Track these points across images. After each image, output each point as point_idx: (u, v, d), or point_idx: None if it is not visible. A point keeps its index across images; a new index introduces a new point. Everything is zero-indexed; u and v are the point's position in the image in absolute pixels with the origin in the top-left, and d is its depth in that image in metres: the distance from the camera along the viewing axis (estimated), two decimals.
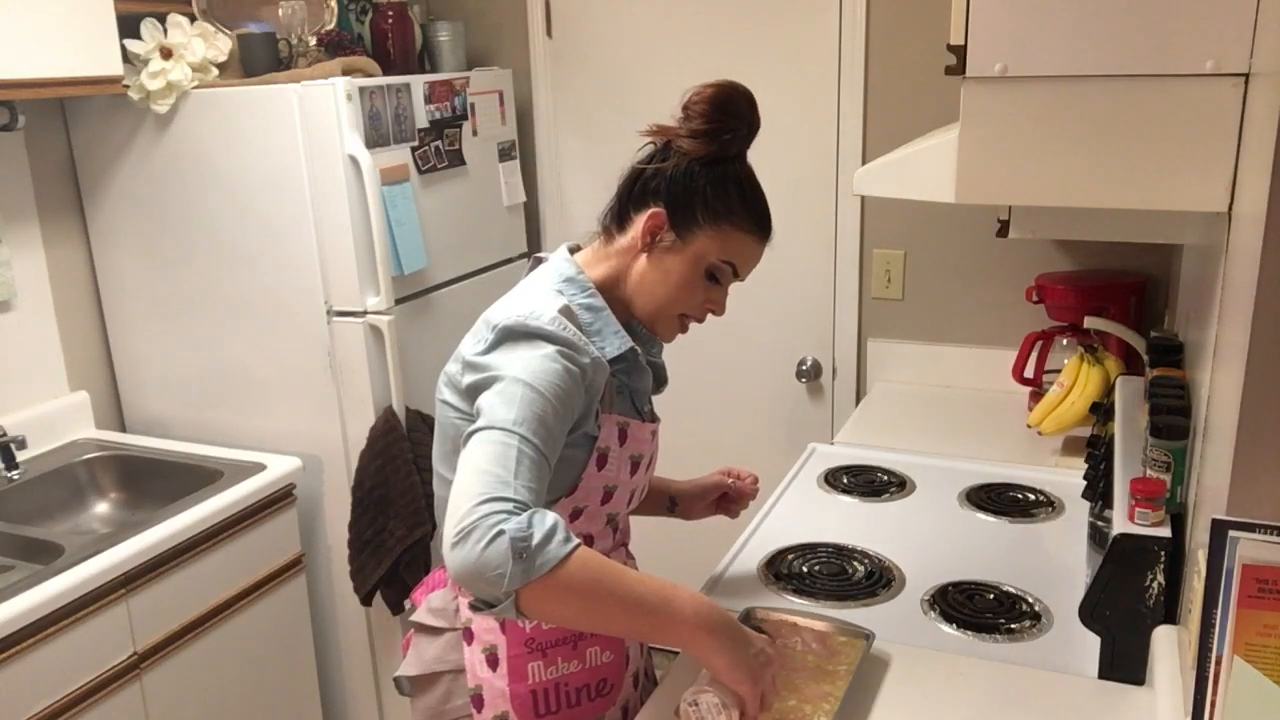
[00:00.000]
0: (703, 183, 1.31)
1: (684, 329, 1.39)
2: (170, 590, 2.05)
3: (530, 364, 1.20)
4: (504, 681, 1.35)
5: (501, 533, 1.04)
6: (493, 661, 1.36)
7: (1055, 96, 1.23)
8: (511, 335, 1.25)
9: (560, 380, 1.20)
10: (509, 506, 1.07)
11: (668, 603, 1.13)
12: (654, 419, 1.45)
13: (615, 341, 1.33)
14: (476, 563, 1.04)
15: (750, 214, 1.33)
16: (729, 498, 1.68)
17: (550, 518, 1.09)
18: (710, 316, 1.40)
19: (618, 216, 1.36)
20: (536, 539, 1.06)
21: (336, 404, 2.41)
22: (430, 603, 1.45)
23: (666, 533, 1.67)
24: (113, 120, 2.42)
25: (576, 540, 1.10)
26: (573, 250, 1.41)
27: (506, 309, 1.28)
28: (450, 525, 1.07)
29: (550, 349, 1.22)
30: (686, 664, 1.45)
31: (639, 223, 1.32)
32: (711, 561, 1.76)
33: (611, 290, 1.36)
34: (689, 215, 1.31)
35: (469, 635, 1.38)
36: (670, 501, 1.67)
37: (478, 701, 1.37)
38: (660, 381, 1.49)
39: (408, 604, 1.56)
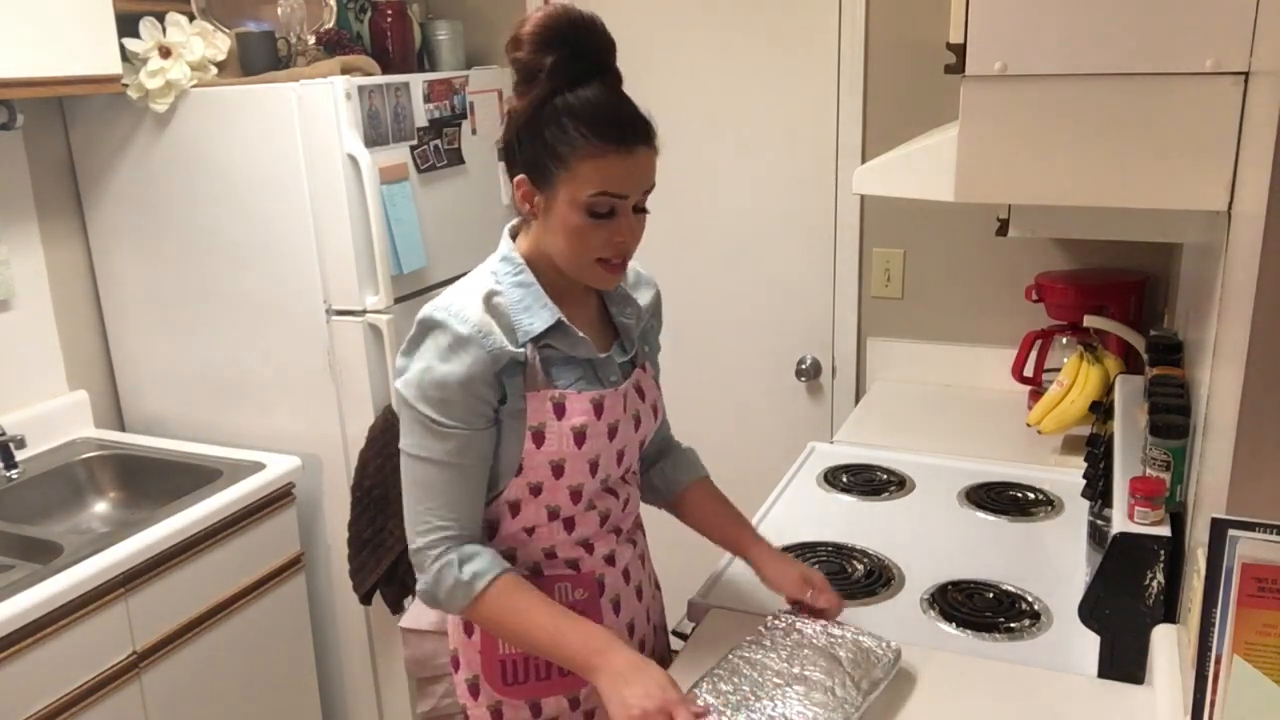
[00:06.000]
0: (537, 132, 1.26)
1: (613, 271, 1.33)
2: (169, 589, 2.05)
3: (421, 377, 1.29)
4: (477, 648, 1.43)
5: (421, 588, 1.34)
6: (469, 629, 1.44)
7: (1055, 95, 1.23)
8: (420, 328, 1.32)
9: (440, 387, 1.28)
10: (423, 558, 1.33)
11: (556, 646, 1.30)
12: (617, 384, 1.39)
13: (544, 315, 1.32)
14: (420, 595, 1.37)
15: (596, 135, 1.23)
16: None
17: (452, 573, 1.31)
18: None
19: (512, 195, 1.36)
20: (441, 596, 1.32)
21: (336, 403, 2.41)
22: None
23: (666, 532, 1.67)
24: (111, 119, 2.41)
25: (479, 588, 1.30)
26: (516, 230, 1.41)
27: (436, 299, 1.34)
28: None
29: (440, 349, 1.28)
30: (687, 661, 1.45)
31: (515, 195, 1.32)
32: (711, 561, 1.76)
33: (541, 258, 1.35)
34: (541, 170, 1.27)
35: None
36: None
37: (455, 662, 1.47)
38: (629, 343, 1.44)
39: (407, 601, 1.59)
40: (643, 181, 1.29)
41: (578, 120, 1.23)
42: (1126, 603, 1.35)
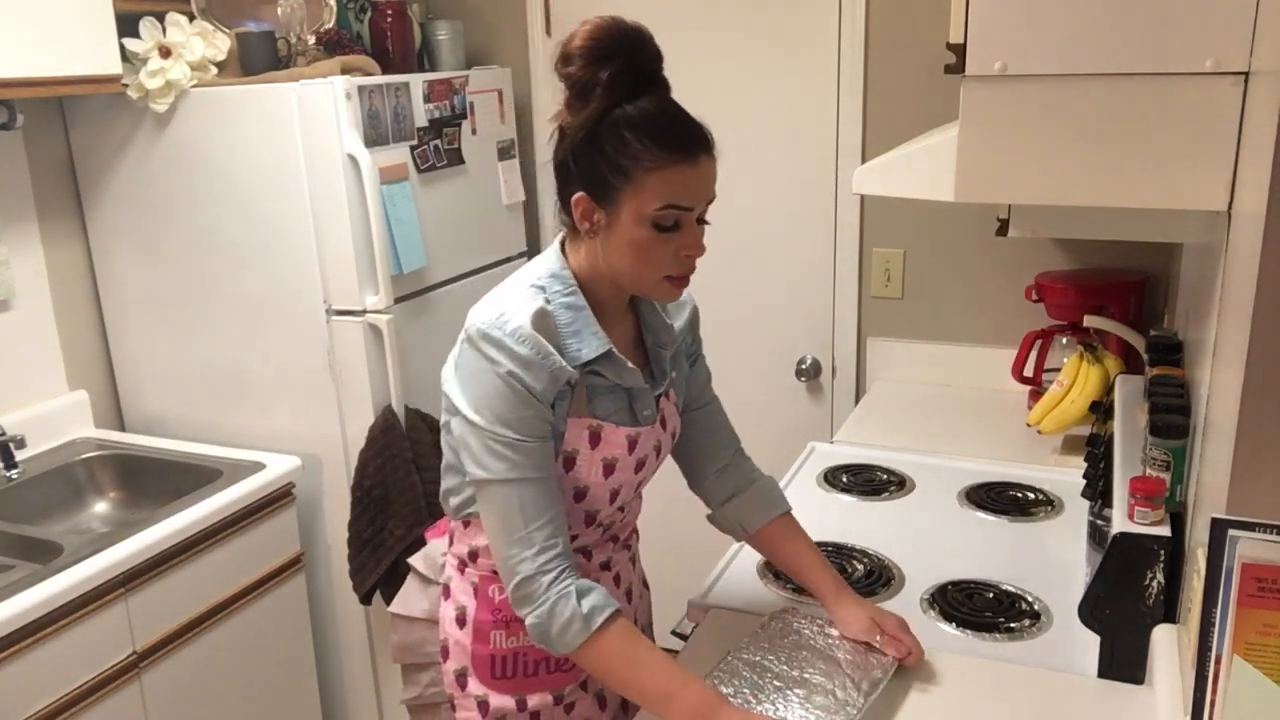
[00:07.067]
0: (597, 147, 1.23)
1: (678, 284, 1.31)
2: (169, 589, 2.04)
3: (482, 399, 1.27)
4: (468, 640, 1.43)
5: (532, 622, 1.27)
6: (461, 621, 1.44)
7: (1055, 95, 1.23)
8: (473, 344, 1.28)
9: (512, 405, 1.26)
10: (533, 586, 1.25)
11: (668, 699, 1.24)
12: (649, 422, 1.39)
13: (593, 343, 1.30)
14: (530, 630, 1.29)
15: (661, 147, 1.21)
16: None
17: (570, 605, 1.24)
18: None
19: (564, 211, 1.32)
20: (554, 632, 1.25)
21: (336, 403, 2.41)
22: (428, 549, 1.54)
23: (666, 533, 1.67)
24: (111, 119, 2.41)
25: (597, 624, 1.24)
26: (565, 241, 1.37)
27: (483, 310, 1.30)
28: (508, 589, 1.29)
29: (501, 371, 1.25)
30: (686, 662, 1.45)
31: (574, 213, 1.29)
32: (711, 560, 1.77)
33: (596, 276, 1.32)
34: (604, 185, 1.24)
35: (446, 592, 1.48)
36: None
37: (444, 652, 1.47)
38: (660, 373, 1.43)
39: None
40: (707, 192, 1.27)
41: (640, 133, 1.21)
42: (1126, 603, 1.35)
